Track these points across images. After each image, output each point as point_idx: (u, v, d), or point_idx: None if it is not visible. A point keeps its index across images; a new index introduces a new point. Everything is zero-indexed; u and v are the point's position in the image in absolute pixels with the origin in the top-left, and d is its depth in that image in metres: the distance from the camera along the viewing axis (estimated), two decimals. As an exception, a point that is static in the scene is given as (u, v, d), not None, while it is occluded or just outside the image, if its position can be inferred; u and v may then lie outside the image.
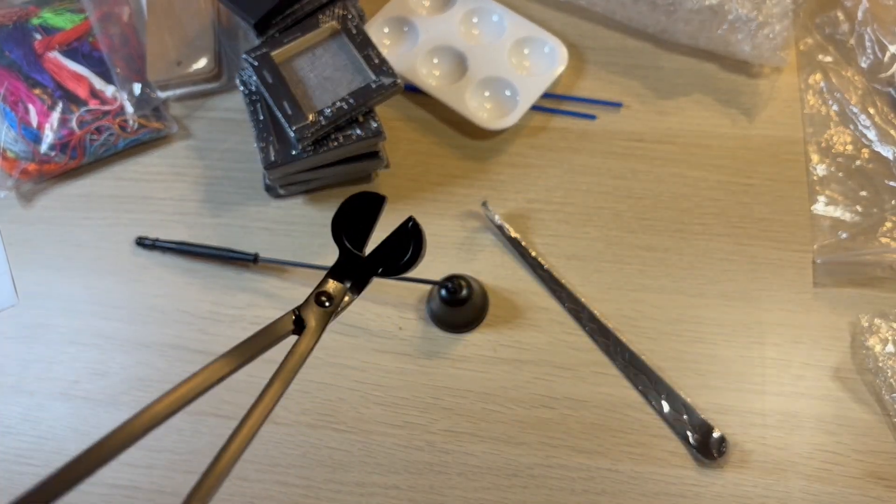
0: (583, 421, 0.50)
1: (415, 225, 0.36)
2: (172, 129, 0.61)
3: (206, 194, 0.59)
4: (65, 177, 0.61)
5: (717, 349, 0.51)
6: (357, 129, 0.51)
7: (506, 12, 0.62)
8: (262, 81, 0.52)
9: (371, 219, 0.37)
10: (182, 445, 0.51)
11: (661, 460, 0.48)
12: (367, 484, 0.49)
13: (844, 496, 0.47)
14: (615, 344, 0.52)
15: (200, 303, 0.55)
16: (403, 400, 0.51)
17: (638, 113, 0.60)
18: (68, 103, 0.60)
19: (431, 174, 0.59)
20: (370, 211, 0.37)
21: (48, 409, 0.53)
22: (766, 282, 0.53)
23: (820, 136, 0.57)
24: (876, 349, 0.49)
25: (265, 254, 0.55)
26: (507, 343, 0.52)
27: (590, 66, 0.62)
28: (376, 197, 0.37)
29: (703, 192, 0.56)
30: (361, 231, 0.37)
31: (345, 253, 0.36)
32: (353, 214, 0.37)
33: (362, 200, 0.37)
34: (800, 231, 0.55)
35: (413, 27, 0.63)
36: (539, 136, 0.60)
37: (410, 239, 0.36)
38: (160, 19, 0.62)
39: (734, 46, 0.58)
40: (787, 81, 0.60)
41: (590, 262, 0.55)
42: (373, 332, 0.53)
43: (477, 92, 0.59)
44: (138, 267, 0.57)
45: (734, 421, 0.49)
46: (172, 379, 0.53)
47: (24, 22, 0.63)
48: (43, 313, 0.56)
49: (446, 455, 0.49)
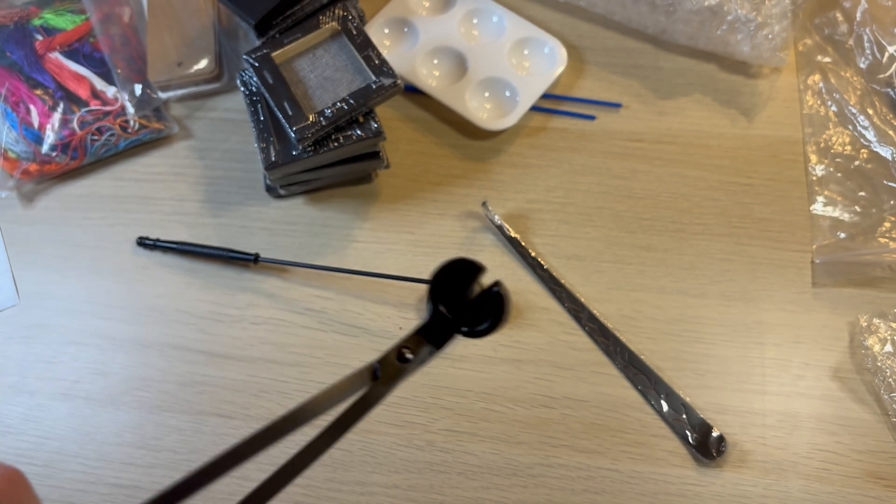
0: (582, 421, 0.50)
1: (500, 291, 0.36)
2: (173, 129, 0.62)
3: (207, 194, 0.60)
4: (66, 177, 0.61)
5: (716, 349, 0.51)
6: (357, 129, 0.51)
7: (506, 13, 0.62)
8: (262, 82, 0.52)
9: (467, 285, 0.37)
10: (183, 445, 0.51)
11: (660, 460, 0.48)
12: (368, 483, 0.49)
13: (843, 496, 0.47)
14: (615, 344, 0.52)
15: (201, 303, 0.55)
16: (403, 399, 0.51)
17: (637, 113, 0.60)
18: (69, 104, 0.60)
19: (431, 174, 0.59)
20: (467, 277, 0.37)
21: (49, 409, 0.53)
22: (766, 282, 0.53)
23: (819, 136, 0.57)
24: (875, 349, 0.50)
25: (266, 254, 0.55)
26: (507, 343, 0.52)
27: (589, 66, 0.62)
28: (475, 265, 0.37)
29: (702, 192, 0.57)
30: (456, 296, 0.37)
31: (437, 316, 0.36)
32: (451, 279, 0.37)
33: (462, 266, 0.37)
34: (799, 231, 0.55)
35: (413, 28, 0.63)
36: (539, 137, 0.60)
37: (496, 303, 0.36)
38: (161, 20, 0.62)
39: (733, 47, 0.58)
40: (787, 82, 0.60)
41: (589, 262, 0.55)
42: (373, 332, 0.53)
43: (477, 92, 0.60)
44: (139, 267, 0.57)
45: (733, 421, 0.49)
46: (173, 379, 0.53)
47: (25, 23, 0.64)
48: (43, 313, 0.56)
49: (446, 454, 0.49)
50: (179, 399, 0.52)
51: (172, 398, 0.52)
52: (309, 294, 0.55)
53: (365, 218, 0.58)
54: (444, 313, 0.36)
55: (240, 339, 0.54)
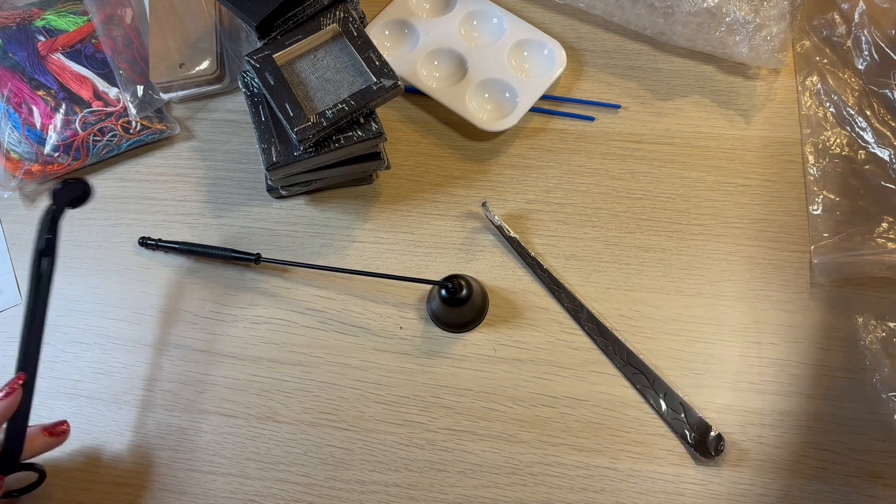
0: (581, 419, 0.50)
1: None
2: (175, 130, 0.62)
3: (209, 195, 0.60)
4: (68, 177, 0.61)
5: (714, 349, 0.52)
6: (358, 130, 0.52)
7: (505, 15, 0.62)
8: (263, 83, 0.52)
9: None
10: (185, 443, 0.51)
11: (659, 459, 0.49)
12: (368, 482, 0.49)
13: (841, 494, 0.47)
14: (614, 343, 0.52)
15: (203, 302, 0.56)
16: (404, 398, 0.52)
17: (636, 114, 0.60)
18: (72, 105, 0.61)
19: (431, 175, 0.59)
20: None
21: (51, 408, 0.53)
22: (764, 282, 0.53)
23: (817, 137, 0.58)
24: (872, 348, 0.50)
25: (267, 254, 0.56)
26: (506, 342, 0.53)
27: (588, 68, 0.63)
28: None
29: (701, 193, 0.57)
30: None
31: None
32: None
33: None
34: (797, 231, 0.55)
35: (413, 29, 0.63)
36: (538, 138, 0.60)
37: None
38: (163, 22, 0.63)
39: (731, 49, 0.59)
40: (785, 83, 0.61)
41: (588, 263, 0.55)
42: (374, 332, 0.54)
43: (477, 93, 0.60)
44: (141, 267, 0.58)
45: (732, 420, 0.49)
46: (175, 378, 0.54)
47: (27, 24, 0.64)
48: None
49: (446, 453, 0.50)
50: (181, 398, 0.53)
51: (174, 397, 0.53)
52: (310, 294, 0.55)
53: (365, 218, 0.58)
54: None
55: (241, 339, 0.54)
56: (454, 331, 0.53)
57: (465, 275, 0.52)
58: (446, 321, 0.53)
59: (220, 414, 0.52)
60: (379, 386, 0.52)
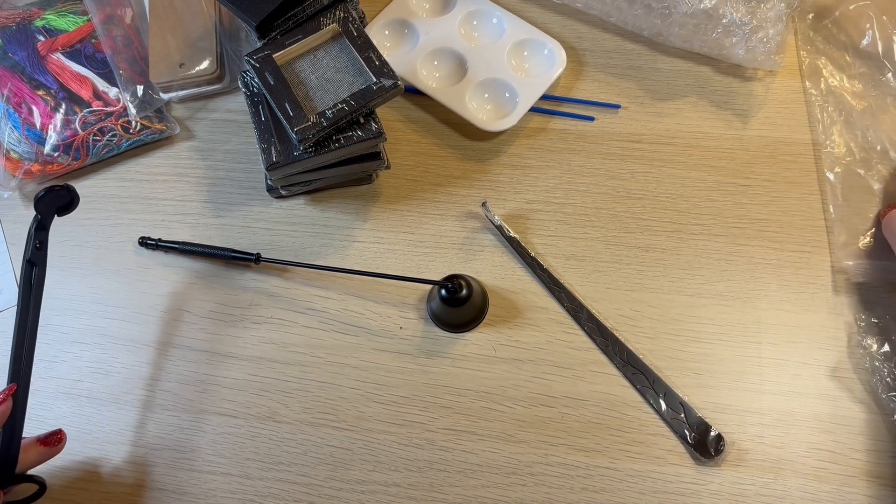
0: (581, 419, 0.50)
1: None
2: (175, 130, 0.62)
3: (209, 195, 0.60)
4: (68, 177, 0.61)
5: (714, 349, 0.52)
6: (358, 130, 0.52)
7: (505, 15, 0.63)
8: (263, 83, 0.52)
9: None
10: (185, 443, 0.51)
11: (659, 459, 0.49)
12: (368, 482, 0.49)
13: (841, 494, 0.47)
14: (613, 343, 0.52)
15: (203, 302, 0.56)
16: (404, 398, 0.52)
17: (636, 114, 0.60)
18: (72, 104, 0.61)
19: (431, 175, 0.59)
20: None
21: (51, 408, 0.53)
22: (764, 282, 0.53)
23: (818, 138, 0.58)
24: (872, 349, 0.50)
25: (267, 254, 0.56)
26: (506, 342, 0.53)
27: (588, 68, 0.63)
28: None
29: (700, 193, 0.57)
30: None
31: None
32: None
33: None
34: (796, 231, 0.55)
35: (413, 29, 0.63)
36: (538, 138, 0.60)
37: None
38: (163, 21, 0.63)
39: (728, 50, 0.59)
40: (783, 84, 0.61)
41: (588, 263, 0.55)
42: (374, 332, 0.54)
43: (476, 93, 0.60)
44: (141, 267, 0.58)
45: (732, 420, 0.49)
46: (175, 378, 0.54)
47: (27, 24, 0.64)
48: (46, 313, 0.56)
49: (446, 453, 0.50)
50: (181, 398, 0.53)
51: (174, 397, 0.53)
52: (310, 294, 0.55)
53: (365, 218, 0.58)
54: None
55: (241, 339, 0.54)
56: (454, 331, 0.53)
57: (465, 275, 0.52)
58: (446, 321, 0.53)
59: (220, 414, 0.52)
60: (379, 386, 0.52)
